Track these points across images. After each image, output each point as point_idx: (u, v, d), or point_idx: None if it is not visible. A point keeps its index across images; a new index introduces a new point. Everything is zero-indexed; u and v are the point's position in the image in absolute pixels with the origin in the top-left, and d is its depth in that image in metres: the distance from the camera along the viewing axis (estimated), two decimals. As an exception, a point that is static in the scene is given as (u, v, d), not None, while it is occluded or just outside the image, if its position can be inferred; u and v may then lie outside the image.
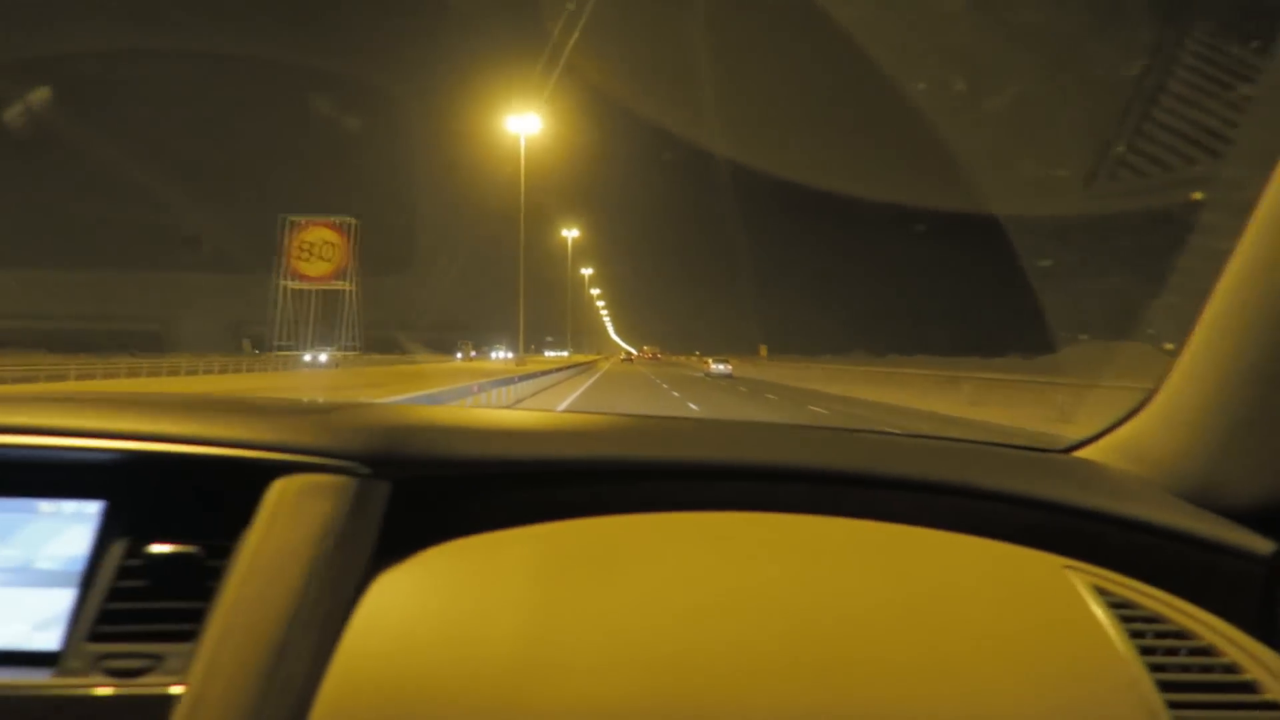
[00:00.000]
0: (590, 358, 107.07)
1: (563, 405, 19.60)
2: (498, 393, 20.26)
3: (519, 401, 21.11)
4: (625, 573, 1.06)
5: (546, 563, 1.08)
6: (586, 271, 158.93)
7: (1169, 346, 1.33)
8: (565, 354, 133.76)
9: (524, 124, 46.59)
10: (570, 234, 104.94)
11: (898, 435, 1.49)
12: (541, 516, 1.17)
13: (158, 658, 1.04)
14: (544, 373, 30.34)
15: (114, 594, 1.06)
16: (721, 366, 52.05)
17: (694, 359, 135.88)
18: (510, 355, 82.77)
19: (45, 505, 1.13)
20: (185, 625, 1.03)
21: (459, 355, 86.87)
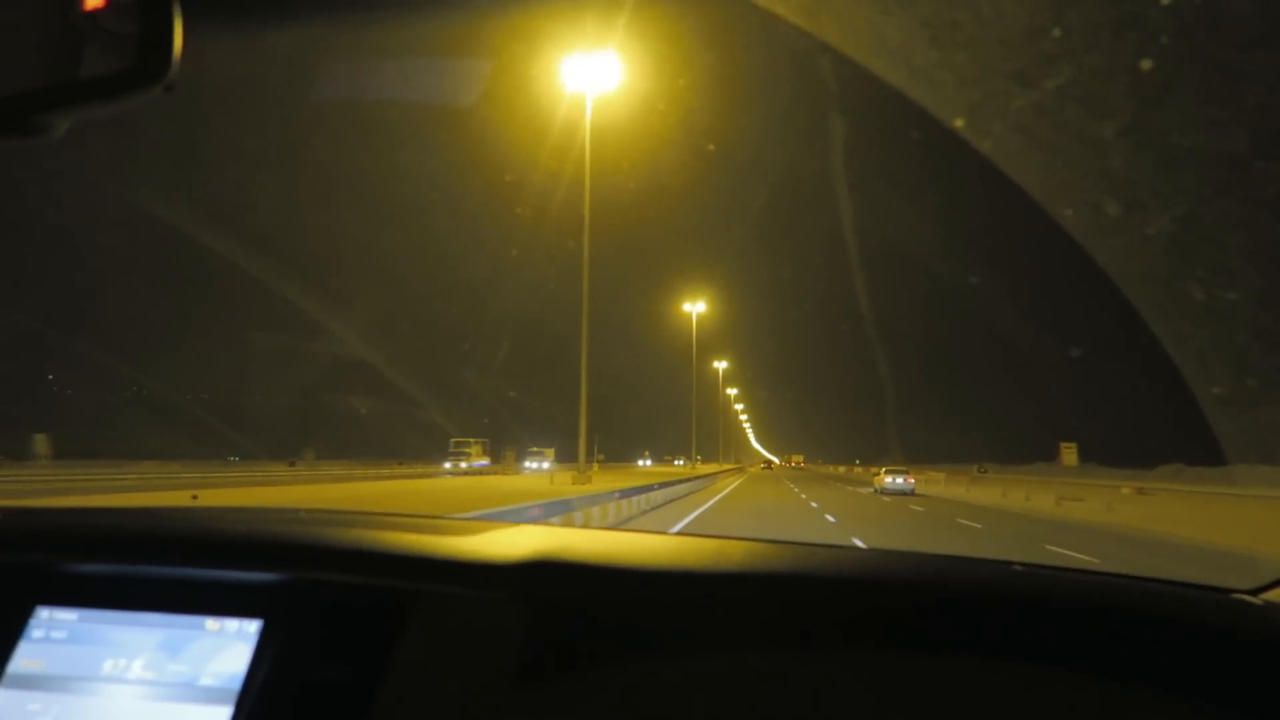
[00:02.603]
0: (714, 468, 71.93)
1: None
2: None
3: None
4: (765, 711, 1.02)
5: (682, 695, 1.07)
6: (720, 365, 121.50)
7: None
8: (680, 463, 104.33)
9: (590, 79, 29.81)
10: (695, 308, 74.81)
11: (1066, 571, 1.39)
12: (678, 648, 1.16)
13: None
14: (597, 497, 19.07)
15: (268, 713, 1.11)
16: (899, 480, 37.99)
17: (855, 470, 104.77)
18: (547, 465, 56.84)
19: (211, 623, 1.21)
20: None
21: (448, 464, 54.92)
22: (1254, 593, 1.28)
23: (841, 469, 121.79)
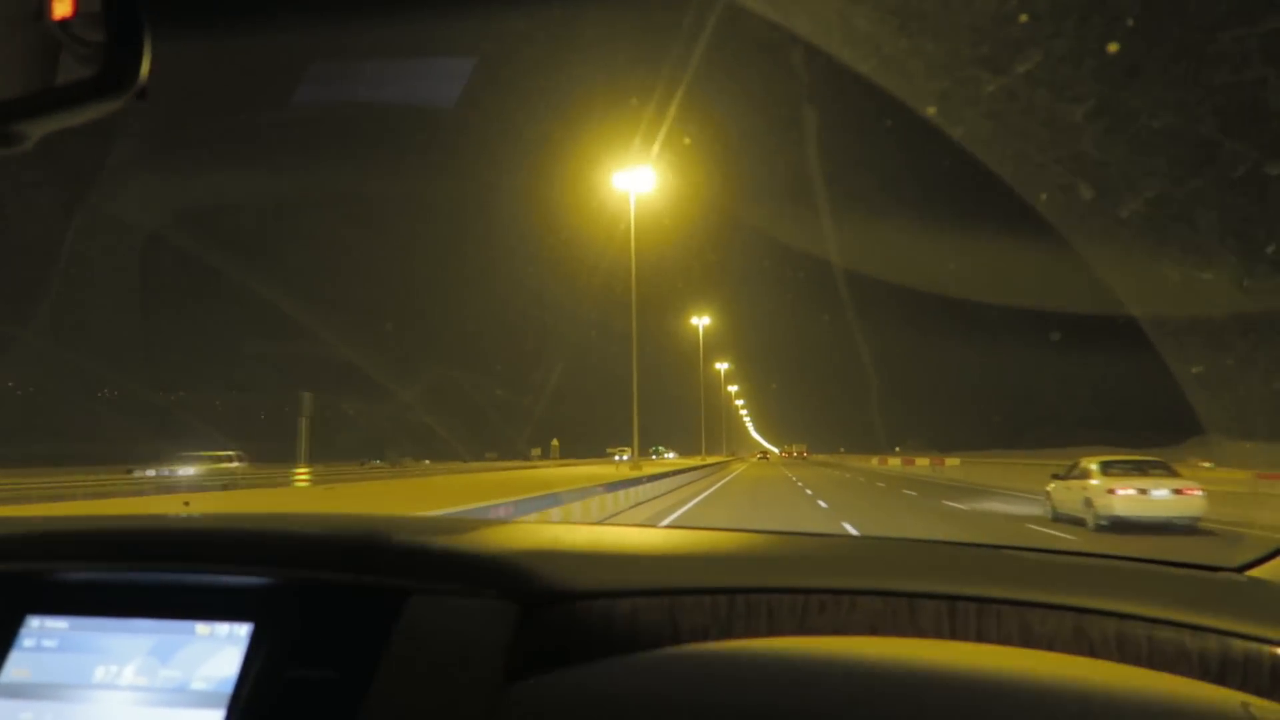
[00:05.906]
0: (680, 465, 46.81)
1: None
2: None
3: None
4: (757, 702, 1.03)
5: (674, 689, 1.06)
6: (701, 321, 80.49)
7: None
8: (622, 459, 64.65)
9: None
10: (631, 187, 37.04)
11: (1053, 553, 1.40)
12: (670, 641, 1.16)
13: None
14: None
15: (261, 715, 1.11)
16: (1163, 493, 13.53)
17: (919, 462, 65.26)
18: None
19: (201, 627, 1.21)
20: None
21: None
22: (1240, 570, 1.30)
23: (893, 462, 73.93)
